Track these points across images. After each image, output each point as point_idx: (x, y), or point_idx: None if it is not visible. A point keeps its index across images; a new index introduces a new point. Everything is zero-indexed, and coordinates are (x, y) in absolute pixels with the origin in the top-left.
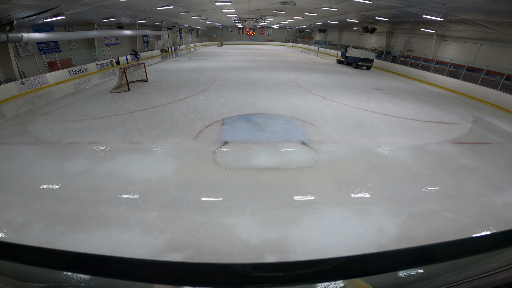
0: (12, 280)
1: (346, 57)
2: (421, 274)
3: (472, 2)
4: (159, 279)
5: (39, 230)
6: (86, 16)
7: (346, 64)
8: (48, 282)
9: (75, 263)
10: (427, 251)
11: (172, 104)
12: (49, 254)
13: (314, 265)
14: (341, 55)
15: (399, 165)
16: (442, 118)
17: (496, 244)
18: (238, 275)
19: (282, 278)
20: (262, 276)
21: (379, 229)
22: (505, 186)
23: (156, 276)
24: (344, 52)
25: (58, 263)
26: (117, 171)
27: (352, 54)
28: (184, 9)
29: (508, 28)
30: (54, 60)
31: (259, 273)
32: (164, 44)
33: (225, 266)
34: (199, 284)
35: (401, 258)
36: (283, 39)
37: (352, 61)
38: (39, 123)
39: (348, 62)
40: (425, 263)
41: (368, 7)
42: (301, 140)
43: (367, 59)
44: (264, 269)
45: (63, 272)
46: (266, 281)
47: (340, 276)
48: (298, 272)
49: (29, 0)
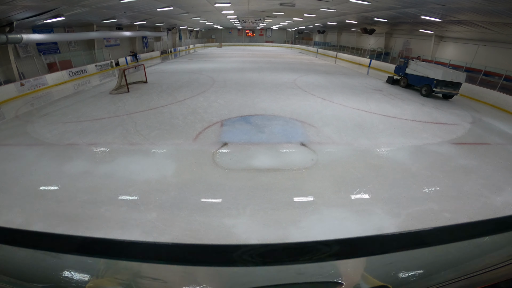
0: (12, 279)
1: (405, 76)
2: (421, 273)
3: (470, 3)
4: (161, 258)
5: (38, 230)
6: (86, 17)
7: (404, 87)
8: (48, 282)
9: (82, 247)
10: (420, 236)
11: (171, 106)
12: (56, 239)
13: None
14: (396, 71)
15: (398, 166)
16: (441, 118)
17: (489, 231)
18: (235, 256)
19: (281, 258)
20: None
21: (379, 230)
22: (504, 187)
23: (158, 256)
24: (402, 67)
25: (65, 247)
26: (117, 172)
27: (422, 72)
28: (183, 10)
29: (506, 29)
30: (54, 61)
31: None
32: (164, 45)
33: (222, 247)
34: (198, 263)
35: (395, 242)
36: (282, 40)
37: (418, 83)
38: (39, 124)
39: (409, 84)
40: (417, 247)
41: (367, 8)
42: (301, 141)
43: (452, 83)
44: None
45: (63, 272)
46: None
47: (334, 256)
48: None
49: (29, 1)
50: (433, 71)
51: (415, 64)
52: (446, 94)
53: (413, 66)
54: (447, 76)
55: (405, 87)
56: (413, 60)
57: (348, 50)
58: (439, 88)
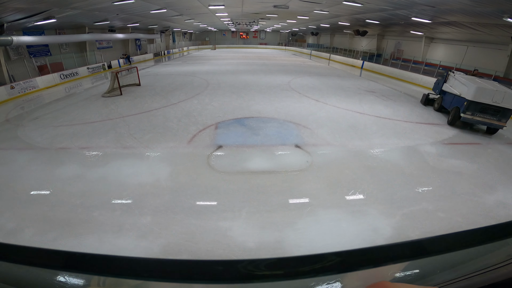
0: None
1: (442, 94)
2: (417, 273)
3: (459, 4)
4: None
5: (30, 235)
6: (78, 19)
7: (437, 109)
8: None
9: (71, 263)
10: (420, 246)
11: (165, 108)
12: (43, 254)
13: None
14: (434, 88)
15: (392, 166)
16: (433, 119)
17: (489, 238)
18: (240, 272)
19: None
20: (262, 273)
21: (374, 230)
22: (496, 186)
23: (159, 273)
24: (440, 82)
25: (52, 263)
26: (110, 176)
27: (457, 89)
28: (177, 12)
29: (494, 30)
30: (45, 64)
31: (259, 271)
32: (157, 47)
33: (226, 263)
34: (199, 280)
35: (394, 253)
36: (276, 42)
37: (449, 104)
38: (29, 128)
39: (443, 107)
40: (417, 257)
41: (359, 10)
42: (295, 143)
43: (495, 108)
44: (263, 266)
45: (57, 277)
46: (264, 277)
47: (337, 270)
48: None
49: (19, 3)
50: (466, 87)
51: (453, 78)
52: (485, 124)
53: (451, 80)
54: (483, 96)
55: (438, 110)
56: (456, 74)
57: (341, 52)
58: (471, 114)
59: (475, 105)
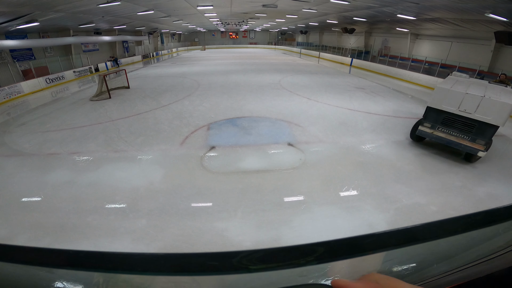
0: None
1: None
2: (414, 267)
3: (441, 0)
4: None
5: (24, 241)
6: (61, 22)
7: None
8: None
9: (76, 261)
10: (409, 233)
11: (156, 111)
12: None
13: None
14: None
15: (383, 161)
16: (421, 114)
17: (477, 224)
18: (234, 263)
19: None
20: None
21: (370, 225)
22: (485, 178)
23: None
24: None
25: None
26: (102, 181)
27: None
28: (165, 13)
29: (476, 25)
30: (29, 68)
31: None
32: (145, 49)
33: (221, 254)
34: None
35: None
36: (265, 41)
37: None
38: (16, 134)
39: None
40: (406, 244)
41: (347, 7)
42: (288, 141)
43: (474, 124)
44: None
45: (55, 283)
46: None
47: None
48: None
49: (1, 7)
50: None
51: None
52: (450, 144)
53: None
54: (446, 101)
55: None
56: (459, 75)
57: (330, 50)
58: (429, 127)
59: (436, 115)
